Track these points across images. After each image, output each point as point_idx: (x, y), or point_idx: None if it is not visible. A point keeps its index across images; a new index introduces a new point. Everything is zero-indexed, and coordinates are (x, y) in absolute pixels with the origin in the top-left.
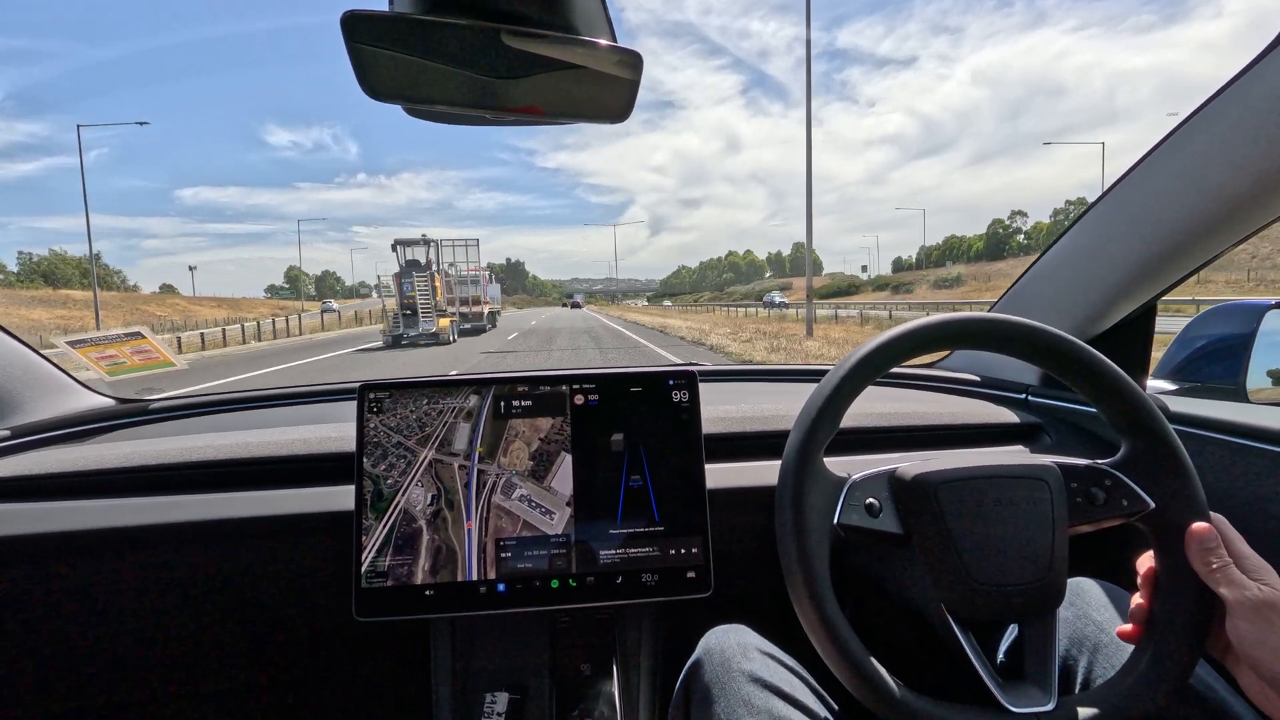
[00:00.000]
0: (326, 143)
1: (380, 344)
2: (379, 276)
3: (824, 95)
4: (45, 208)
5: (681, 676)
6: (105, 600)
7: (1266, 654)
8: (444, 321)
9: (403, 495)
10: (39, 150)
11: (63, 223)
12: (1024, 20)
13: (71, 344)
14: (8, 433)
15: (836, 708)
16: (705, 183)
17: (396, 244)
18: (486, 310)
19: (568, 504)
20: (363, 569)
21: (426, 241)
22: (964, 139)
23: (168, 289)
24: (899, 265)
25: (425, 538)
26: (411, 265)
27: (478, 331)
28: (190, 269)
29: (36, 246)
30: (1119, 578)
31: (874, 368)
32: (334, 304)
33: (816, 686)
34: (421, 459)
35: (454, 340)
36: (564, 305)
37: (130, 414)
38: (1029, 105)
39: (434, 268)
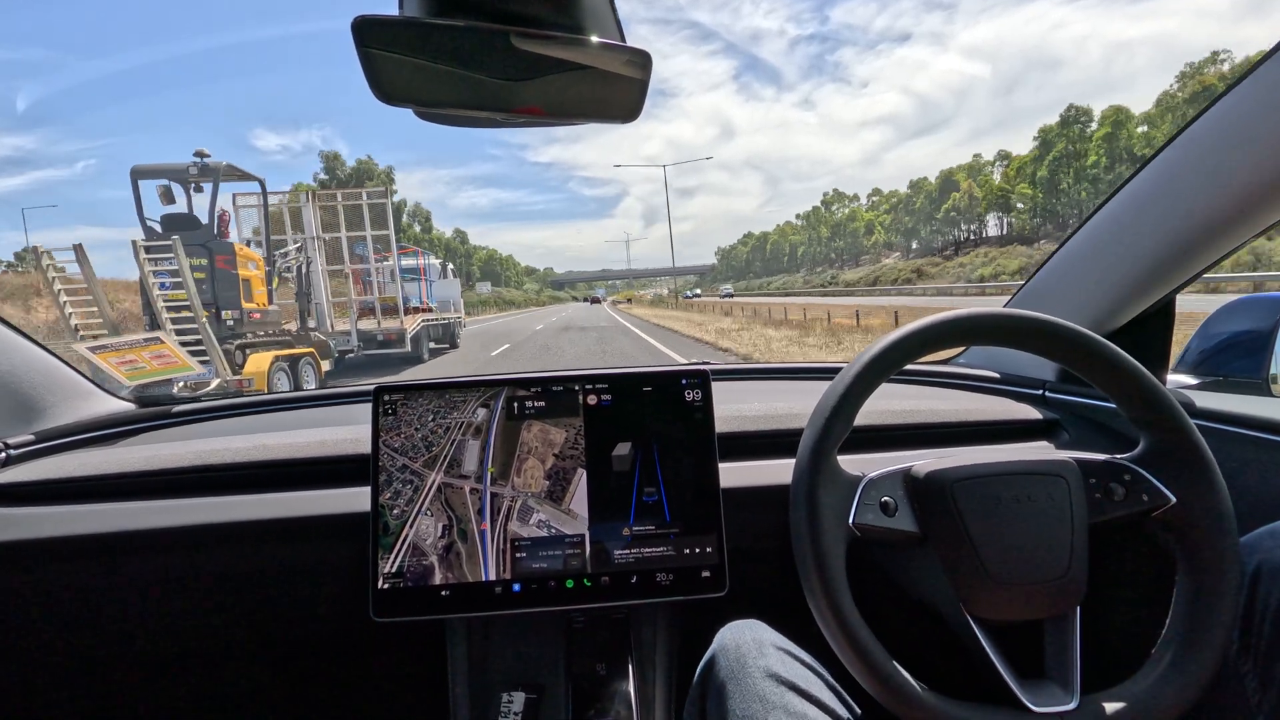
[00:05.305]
0: (316, 145)
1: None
2: (39, 249)
3: (816, 78)
4: (36, 222)
5: (698, 672)
6: (128, 601)
7: None
8: (257, 363)
9: (410, 528)
10: (25, 164)
11: (56, 236)
12: None
13: (92, 349)
14: (31, 437)
15: (853, 703)
16: (699, 171)
17: (136, 177)
18: (413, 326)
19: (589, 528)
20: (379, 570)
21: (204, 168)
22: (959, 116)
23: None
24: None
25: (438, 576)
26: (170, 226)
27: (411, 362)
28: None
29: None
30: (1140, 587)
31: (888, 364)
32: None
33: (833, 682)
34: (430, 483)
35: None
36: (587, 301)
37: (151, 418)
38: (1025, 79)
39: (243, 239)
